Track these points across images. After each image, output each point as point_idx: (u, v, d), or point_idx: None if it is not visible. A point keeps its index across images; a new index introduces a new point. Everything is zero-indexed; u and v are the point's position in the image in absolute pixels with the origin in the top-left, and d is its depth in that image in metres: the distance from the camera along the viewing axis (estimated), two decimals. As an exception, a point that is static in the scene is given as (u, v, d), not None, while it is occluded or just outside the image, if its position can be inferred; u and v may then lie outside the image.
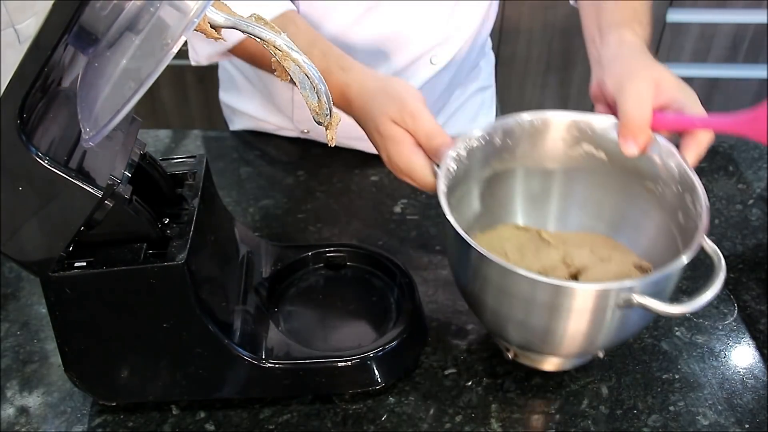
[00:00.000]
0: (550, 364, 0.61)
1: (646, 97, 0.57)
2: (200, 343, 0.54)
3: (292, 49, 0.47)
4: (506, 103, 1.80)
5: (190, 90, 1.73)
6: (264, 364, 0.56)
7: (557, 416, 0.59)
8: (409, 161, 0.60)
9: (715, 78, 1.72)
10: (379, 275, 0.66)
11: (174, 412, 0.59)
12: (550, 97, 1.79)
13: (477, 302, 0.56)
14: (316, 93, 0.49)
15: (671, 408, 0.60)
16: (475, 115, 0.98)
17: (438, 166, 0.58)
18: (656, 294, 0.49)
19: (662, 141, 0.58)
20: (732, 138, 1.87)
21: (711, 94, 1.75)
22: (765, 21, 1.62)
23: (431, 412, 0.59)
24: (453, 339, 0.65)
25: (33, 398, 0.61)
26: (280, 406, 0.60)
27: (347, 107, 0.65)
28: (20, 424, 0.59)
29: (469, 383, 0.62)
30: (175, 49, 0.40)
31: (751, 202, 0.81)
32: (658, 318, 0.67)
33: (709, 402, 0.60)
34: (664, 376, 0.62)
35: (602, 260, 0.61)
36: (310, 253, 0.67)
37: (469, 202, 0.64)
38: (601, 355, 0.61)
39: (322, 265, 0.68)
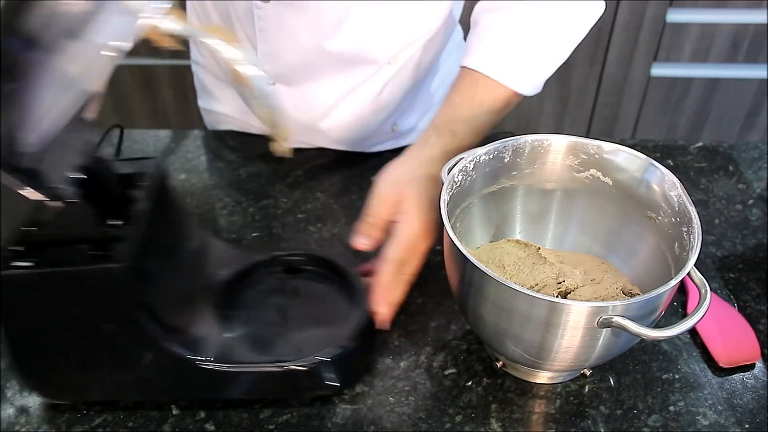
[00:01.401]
0: (537, 377, 0.61)
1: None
2: (141, 344, 0.55)
3: (241, 63, 0.47)
4: (506, 103, 1.80)
5: (189, 90, 1.72)
6: (204, 366, 0.56)
7: (557, 416, 0.59)
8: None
9: (715, 78, 1.72)
10: (337, 281, 0.66)
11: (174, 412, 0.59)
12: (550, 97, 1.79)
13: (471, 313, 0.57)
14: (266, 105, 0.50)
15: (671, 408, 0.60)
16: None
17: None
18: (639, 317, 0.50)
19: (666, 172, 0.60)
20: (732, 138, 1.87)
21: (711, 94, 1.75)
22: (765, 21, 1.62)
23: (431, 412, 0.59)
24: (453, 339, 0.65)
25: (33, 398, 0.61)
26: (280, 406, 0.60)
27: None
28: (20, 424, 0.59)
29: (469, 383, 0.62)
30: (116, 56, 0.40)
31: (751, 202, 0.81)
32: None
33: (709, 402, 0.60)
34: (664, 376, 0.62)
35: (593, 281, 0.62)
36: (267, 257, 0.67)
37: (472, 215, 0.65)
38: (587, 372, 0.62)
39: (280, 269, 0.67)
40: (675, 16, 1.63)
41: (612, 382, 0.62)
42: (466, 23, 0.98)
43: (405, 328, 0.66)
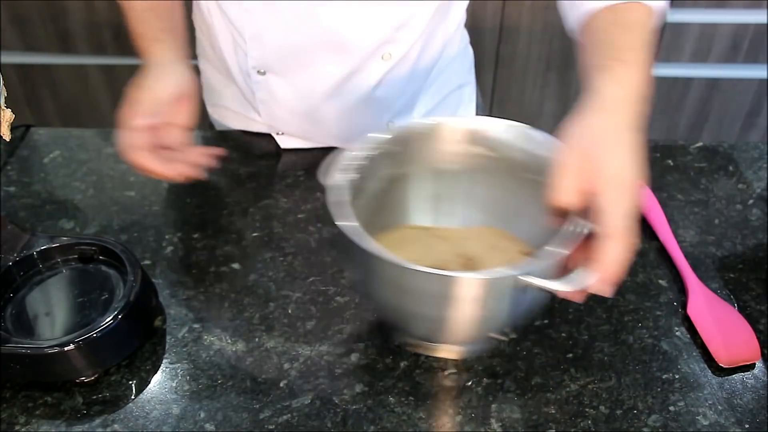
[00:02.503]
0: (451, 352, 0.63)
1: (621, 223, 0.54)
2: None
3: None
4: (506, 103, 1.80)
5: (190, 90, 1.73)
6: None
7: (557, 416, 0.59)
8: (125, 117, 0.71)
9: (715, 78, 1.72)
10: (125, 271, 0.65)
11: (174, 412, 0.59)
12: (550, 97, 1.79)
13: (374, 298, 0.59)
14: None
15: (671, 408, 0.60)
16: (453, 112, 0.99)
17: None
18: (542, 274, 0.52)
19: (543, 135, 0.62)
20: (732, 138, 1.87)
21: (711, 94, 1.75)
22: (765, 21, 1.62)
23: (431, 412, 0.59)
24: (453, 339, 0.65)
25: (33, 398, 0.61)
26: (280, 406, 0.60)
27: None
28: (20, 424, 0.59)
29: (469, 383, 0.62)
30: None
31: (751, 202, 0.81)
32: (658, 318, 0.67)
33: (709, 402, 0.60)
34: (664, 376, 0.62)
35: (492, 250, 0.64)
36: (57, 244, 0.67)
37: (365, 206, 0.65)
38: (504, 338, 0.64)
39: (72, 257, 0.68)
40: (675, 16, 1.62)
41: (612, 382, 0.62)
42: (470, 28, 0.99)
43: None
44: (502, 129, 0.64)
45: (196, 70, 1.04)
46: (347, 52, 0.82)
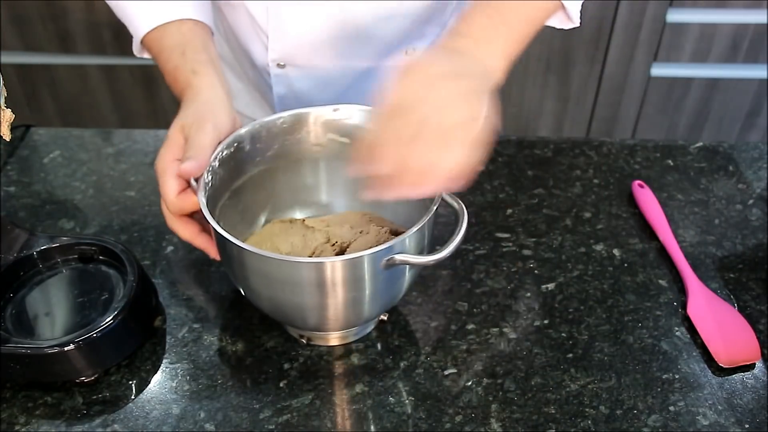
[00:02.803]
0: (337, 338, 0.64)
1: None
2: None
3: None
4: (506, 103, 1.80)
5: (190, 90, 1.73)
6: None
7: (557, 416, 0.59)
8: (165, 166, 0.60)
9: (715, 78, 1.72)
10: (125, 271, 0.65)
11: (174, 412, 0.59)
12: (550, 97, 1.79)
13: (255, 295, 0.60)
14: None
15: (671, 408, 0.60)
16: None
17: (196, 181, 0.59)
18: (411, 250, 0.55)
19: None
20: (732, 138, 1.87)
21: (711, 94, 1.75)
22: (765, 21, 1.62)
23: (431, 412, 0.59)
24: (453, 339, 0.65)
25: (33, 398, 0.61)
26: (280, 406, 0.60)
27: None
28: (20, 423, 0.59)
29: (469, 383, 0.62)
30: None
31: (751, 202, 0.81)
32: (658, 318, 0.67)
33: (709, 402, 0.60)
34: (664, 376, 0.62)
35: (362, 233, 0.65)
36: (57, 244, 0.67)
37: (230, 211, 0.66)
38: (384, 317, 0.66)
39: (72, 257, 0.68)
40: (675, 16, 1.62)
41: (612, 382, 0.62)
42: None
43: (405, 328, 0.66)
44: (355, 114, 0.66)
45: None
46: (371, 46, 0.82)
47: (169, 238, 0.75)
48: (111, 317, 0.60)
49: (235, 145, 0.64)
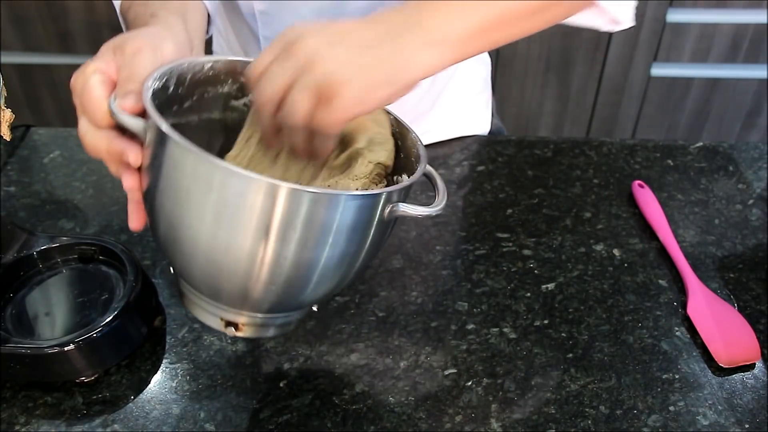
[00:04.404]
0: (272, 328, 0.54)
1: None
2: None
3: None
4: (506, 103, 1.81)
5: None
6: None
7: (557, 416, 0.59)
8: (87, 74, 0.50)
9: (715, 78, 1.72)
10: (125, 271, 0.65)
11: (174, 412, 0.59)
12: (550, 97, 1.79)
13: (169, 227, 0.47)
14: None
15: (671, 408, 0.60)
16: (469, 119, 0.98)
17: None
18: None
19: None
20: (732, 138, 1.87)
21: (711, 94, 1.75)
22: (765, 21, 1.62)
23: (431, 412, 0.59)
24: (453, 339, 0.65)
25: (33, 398, 0.61)
26: (280, 406, 0.60)
27: None
28: (20, 423, 0.59)
29: (469, 383, 0.62)
30: None
31: (751, 202, 0.81)
32: (658, 318, 0.67)
33: (709, 402, 0.60)
34: (664, 376, 0.62)
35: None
36: (57, 244, 0.67)
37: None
38: (315, 308, 0.58)
39: (72, 257, 0.68)
40: (675, 16, 1.63)
41: (612, 382, 0.62)
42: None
43: (405, 328, 0.66)
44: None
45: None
46: None
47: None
48: (111, 317, 0.60)
49: (164, 79, 0.50)
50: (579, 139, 0.91)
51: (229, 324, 0.51)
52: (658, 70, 1.72)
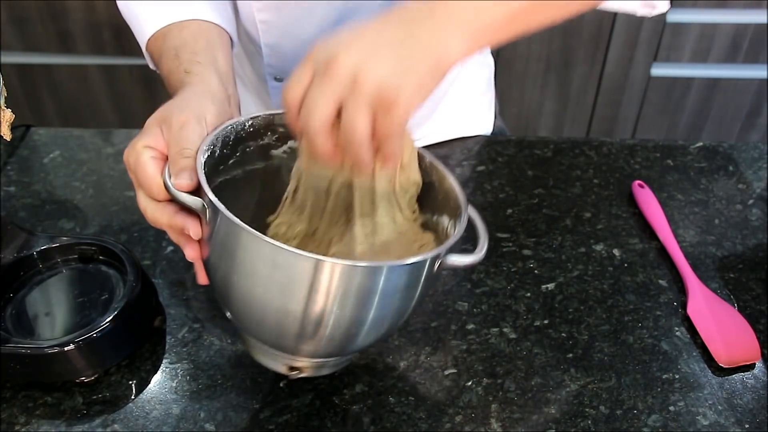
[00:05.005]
0: (329, 367, 0.58)
1: None
2: None
3: None
4: (506, 103, 1.81)
5: (190, 90, 1.73)
6: None
7: (557, 416, 0.59)
8: (138, 151, 0.52)
9: (715, 78, 1.72)
10: (125, 271, 0.65)
11: (174, 412, 0.59)
12: (550, 97, 1.79)
13: (239, 296, 0.50)
14: None
15: (671, 408, 0.60)
16: (472, 121, 0.98)
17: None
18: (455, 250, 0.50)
19: None
20: (732, 138, 1.87)
21: (711, 94, 1.75)
22: (765, 21, 1.62)
23: (431, 412, 0.59)
24: (453, 339, 0.65)
25: (33, 398, 0.61)
26: (280, 406, 0.60)
27: None
28: (20, 423, 0.59)
29: (469, 383, 0.62)
30: None
31: (751, 202, 0.81)
32: (658, 318, 0.67)
33: (709, 402, 0.60)
34: (664, 376, 0.62)
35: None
36: (57, 244, 0.67)
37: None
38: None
39: (72, 257, 0.68)
40: (675, 16, 1.63)
41: (612, 382, 0.62)
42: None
43: (405, 328, 0.66)
44: None
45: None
46: None
47: (169, 238, 0.75)
48: (111, 317, 0.60)
49: (211, 148, 0.54)
50: (579, 139, 0.91)
51: (292, 369, 0.56)
52: (658, 70, 1.72)
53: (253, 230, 0.45)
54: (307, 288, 0.46)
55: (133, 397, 0.61)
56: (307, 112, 0.47)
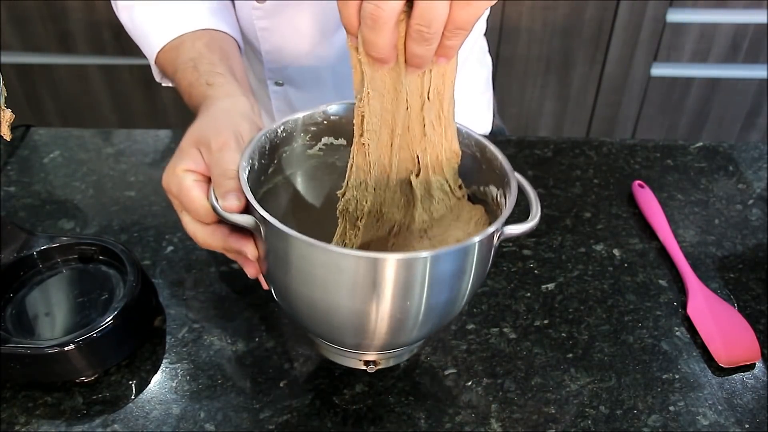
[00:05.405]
0: (394, 358, 0.58)
1: None
2: None
3: None
4: (506, 103, 1.81)
5: (190, 90, 1.73)
6: None
7: (557, 416, 0.59)
8: (180, 176, 0.53)
9: (715, 78, 1.72)
10: (125, 271, 0.65)
11: (174, 412, 0.59)
12: (550, 97, 1.79)
13: (300, 302, 0.51)
14: None
15: (671, 408, 0.60)
16: (471, 121, 0.98)
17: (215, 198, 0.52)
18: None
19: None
20: (732, 138, 1.87)
21: (711, 94, 1.75)
22: (765, 21, 1.62)
23: (431, 412, 0.59)
24: (453, 339, 0.65)
25: (33, 398, 0.61)
26: (280, 406, 0.60)
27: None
28: (20, 423, 0.59)
29: (469, 383, 0.62)
30: None
31: (751, 202, 0.81)
32: (658, 318, 0.67)
33: (709, 402, 0.60)
34: (664, 376, 0.62)
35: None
36: (57, 244, 0.67)
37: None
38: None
39: (72, 257, 0.67)
40: (675, 16, 1.63)
41: (612, 382, 0.62)
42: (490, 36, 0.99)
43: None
44: (344, 108, 0.58)
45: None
46: None
47: (169, 238, 0.76)
48: (111, 317, 0.60)
49: (250, 162, 0.53)
50: (579, 139, 0.91)
51: (367, 363, 0.56)
52: (658, 70, 1.72)
53: (310, 239, 0.45)
54: (372, 286, 0.46)
55: (133, 397, 0.61)
56: (380, 3, 0.43)
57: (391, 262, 0.45)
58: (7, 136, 0.55)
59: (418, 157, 0.54)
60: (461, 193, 0.57)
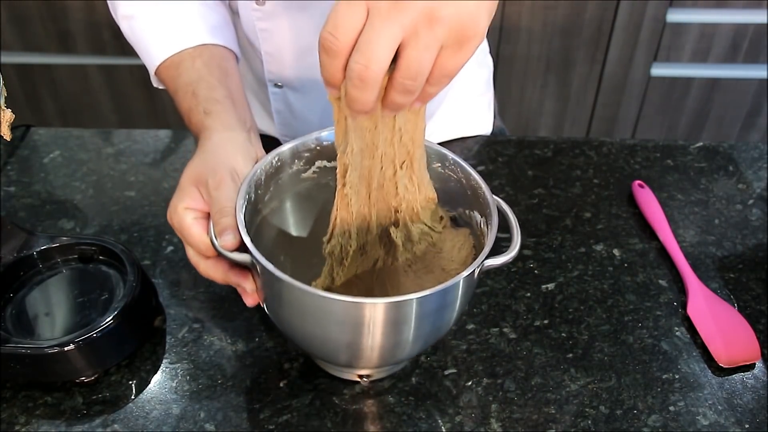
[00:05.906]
0: (385, 371, 0.62)
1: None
2: None
3: None
4: (506, 103, 1.81)
5: (190, 90, 1.73)
6: None
7: (557, 416, 0.59)
8: (181, 214, 0.56)
9: (715, 78, 1.72)
10: (125, 271, 0.65)
11: (174, 412, 0.59)
12: (550, 97, 1.79)
13: (298, 332, 0.55)
14: None
15: (671, 408, 0.60)
16: (471, 122, 0.98)
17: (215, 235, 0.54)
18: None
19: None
20: (732, 138, 1.87)
21: (711, 94, 1.75)
22: (765, 21, 1.62)
23: (431, 412, 0.59)
24: (453, 339, 0.65)
25: (33, 398, 0.61)
26: (280, 406, 0.60)
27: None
28: (20, 423, 0.59)
29: (469, 383, 0.62)
30: None
31: (751, 202, 0.81)
32: (658, 318, 0.67)
33: (709, 402, 0.60)
34: (664, 376, 0.62)
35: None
36: (57, 244, 0.67)
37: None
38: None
39: (72, 257, 0.67)
40: (675, 16, 1.63)
41: (612, 382, 0.62)
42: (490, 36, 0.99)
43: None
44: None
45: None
46: None
47: (169, 238, 0.75)
48: (111, 317, 0.60)
49: (247, 196, 0.56)
50: (579, 139, 0.91)
51: (361, 376, 0.61)
52: (658, 70, 1.72)
53: (300, 284, 0.49)
54: (361, 326, 0.50)
55: (133, 397, 0.61)
56: (364, 56, 0.42)
57: (379, 307, 0.49)
58: (7, 136, 0.56)
59: (395, 208, 0.56)
60: (442, 226, 0.59)
